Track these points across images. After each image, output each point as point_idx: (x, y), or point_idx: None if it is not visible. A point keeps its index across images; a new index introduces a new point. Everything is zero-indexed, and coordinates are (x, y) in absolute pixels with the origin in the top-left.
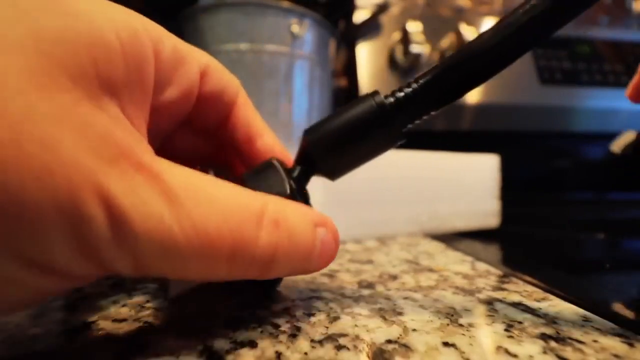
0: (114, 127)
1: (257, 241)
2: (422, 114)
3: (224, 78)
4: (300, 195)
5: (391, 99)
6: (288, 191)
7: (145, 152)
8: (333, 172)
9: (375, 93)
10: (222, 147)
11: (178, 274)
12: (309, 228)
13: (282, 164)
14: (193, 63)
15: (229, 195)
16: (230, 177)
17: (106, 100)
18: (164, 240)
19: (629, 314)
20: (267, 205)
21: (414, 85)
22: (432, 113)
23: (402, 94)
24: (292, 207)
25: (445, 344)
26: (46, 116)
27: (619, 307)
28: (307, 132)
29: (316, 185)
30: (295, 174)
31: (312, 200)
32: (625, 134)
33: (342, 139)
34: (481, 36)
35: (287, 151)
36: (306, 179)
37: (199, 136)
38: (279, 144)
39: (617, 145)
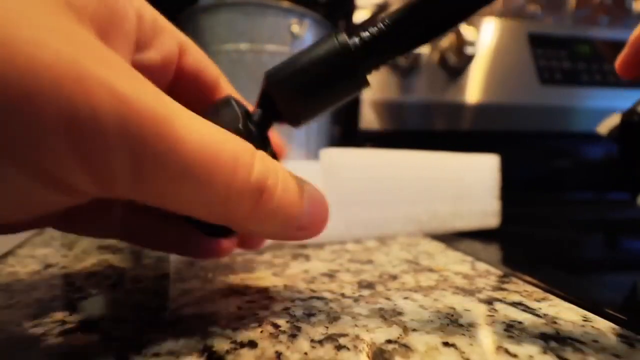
0: (100, 44)
1: (252, 168)
2: (388, 58)
3: (203, 60)
4: (258, 138)
5: (355, 40)
6: (240, 126)
7: (134, 70)
8: (295, 118)
9: (338, 32)
10: None
11: (175, 194)
12: (295, 177)
13: (240, 103)
14: (172, 35)
15: (223, 130)
16: None
17: (92, 30)
18: (166, 138)
19: (629, 314)
20: (256, 149)
21: (380, 25)
22: (398, 56)
23: (367, 33)
24: (276, 161)
25: (445, 344)
26: (35, 19)
27: (619, 307)
28: (269, 75)
29: (317, 185)
30: (256, 117)
31: None
32: (611, 116)
33: (304, 83)
34: None
35: (279, 139)
36: (268, 124)
37: None
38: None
39: (603, 127)
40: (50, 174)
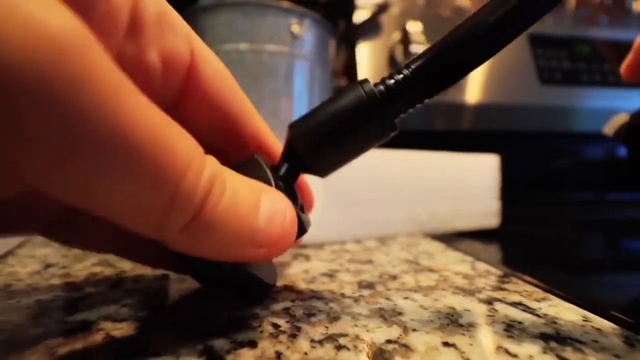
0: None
1: (201, 174)
2: (415, 103)
3: (224, 79)
4: (288, 194)
5: (381, 87)
6: (273, 186)
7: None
8: (322, 169)
9: (364, 81)
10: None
11: (108, 189)
12: (252, 189)
13: (265, 160)
14: (183, 36)
15: (178, 126)
16: None
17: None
18: (114, 115)
19: (629, 314)
20: (208, 155)
21: (405, 72)
22: (426, 101)
23: (392, 81)
24: (233, 172)
25: (445, 344)
26: None
27: (619, 307)
28: (293, 127)
29: (316, 185)
30: (282, 171)
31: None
32: (618, 116)
33: (330, 134)
34: (475, 16)
35: (307, 187)
36: (293, 177)
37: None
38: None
39: (610, 128)
40: None
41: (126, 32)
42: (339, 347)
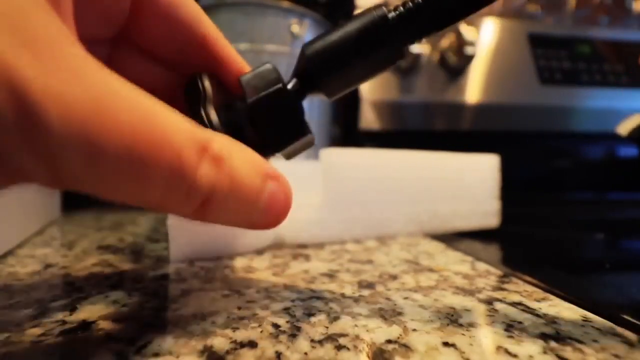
0: (30, 7)
1: (196, 170)
2: (424, 32)
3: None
4: (294, 107)
5: (394, 13)
6: (280, 84)
7: (72, 43)
8: (330, 89)
9: (377, 6)
10: (179, 78)
11: (106, 191)
12: (255, 176)
13: (278, 71)
14: None
15: (171, 116)
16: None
17: None
18: (88, 140)
19: (628, 314)
20: (212, 140)
21: (418, 0)
22: (435, 31)
23: (404, 8)
24: (242, 153)
25: (445, 344)
26: None
27: (618, 307)
28: (306, 46)
29: (316, 185)
30: (291, 86)
31: (312, 200)
32: (632, 116)
33: (341, 54)
34: None
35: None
36: (302, 95)
37: (154, 64)
38: None
39: (624, 128)
40: None
41: None
42: (339, 347)
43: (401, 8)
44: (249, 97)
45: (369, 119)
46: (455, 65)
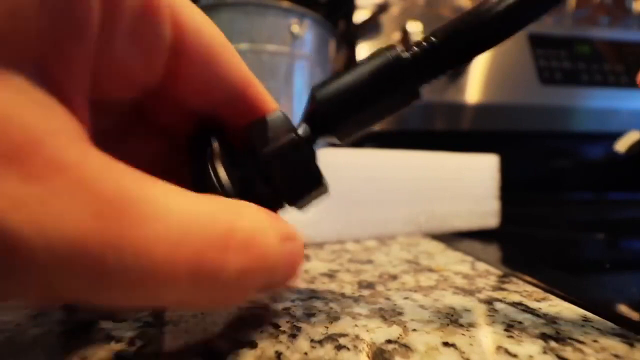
0: (18, 107)
1: (225, 265)
2: (439, 71)
3: (218, 54)
4: (308, 156)
5: (408, 54)
6: (294, 135)
7: (69, 143)
8: (342, 133)
9: (391, 47)
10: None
11: (116, 301)
12: (279, 245)
13: (288, 117)
14: (164, 17)
15: (188, 210)
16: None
17: (12, 67)
18: (88, 268)
19: (629, 314)
20: (235, 227)
21: (432, 39)
22: (450, 71)
23: (418, 49)
24: (261, 223)
25: (445, 344)
26: None
27: (619, 307)
28: (316, 89)
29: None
30: (302, 132)
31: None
32: (629, 133)
33: (355, 96)
34: None
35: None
36: (313, 139)
37: (186, 116)
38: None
39: (622, 145)
40: None
41: (99, 31)
42: (339, 347)
43: (415, 48)
44: (260, 149)
45: None
46: None
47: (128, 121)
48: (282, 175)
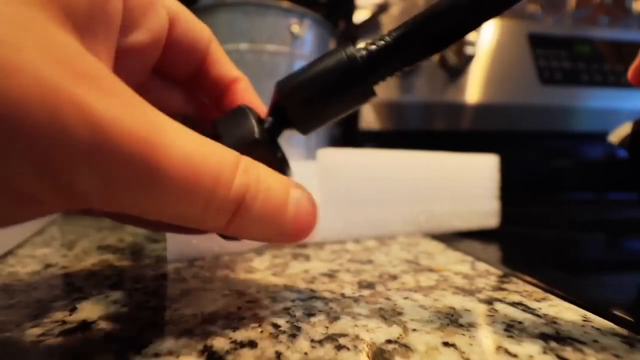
0: (79, 51)
1: (232, 182)
2: (394, 70)
3: (195, 27)
4: (271, 145)
5: (363, 52)
6: (257, 135)
7: (115, 78)
8: (304, 126)
9: (347, 44)
10: (195, 99)
11: (151, 209)
12: (282, 184)
13: (253, 111)
14: (161, 9)
15: (207, 142)
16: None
17: (69, 29)
18: (145, 164)
19: (629, 314)
20: (241, 158)
21: (387, 39)
22: (405, 69)
23: (374, 47)
24: (266, 167)
25: (445, 344)
26: (7, 20)
27: (619, 307)
28: (280, 83)
29: (314, 185)
30: (267, 125)
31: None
32: (624, 125)
33: (314, 92)
34: None
35: (259, 100)
36: (278, 131)
37: (170, 87)
38: (252, 92)
39: (615, 136)
40: (14, 187)
41: (121, 25)
42: (339, 347)
43: (371, 47)
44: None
45: (368, 119)
46: (455, 65)
47: (150, 78)
48: None
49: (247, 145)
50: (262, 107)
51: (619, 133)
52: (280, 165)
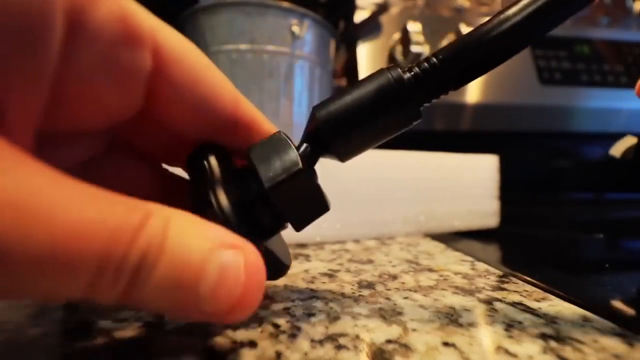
0: None
1: (132, 246)
2: (441, 91)
3: (205, 80)
4: (310, 173)
5: (409, 74)
6: (300, 164)
7: None
8: (343, 153)
9: (392, 67)
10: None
11: (15, 292)
12: (201, 241)
13: (290, 138)
14: (144, 46)
15: (106, 200)
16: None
17: None
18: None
19: (629, 313)
20: (152, 214)
21: (433, 60)
22: (451, 90)
23: (420, 69)
24: (192, 222)
25: (445, 344)
26: None
27: (619, 307)
28: (317, 109)
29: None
30: (303, 152)
31: None
32: (625, 138)
33: (356, 117)
34: (503, 12)
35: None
36: (314, 159)
37: (175, 141)
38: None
39: (617, 150)
40: None
41: (61, 51)
42: (339, 347)
43: (416, 69)
44: (266, 180)
45: None
46: None
47: (112, 148)
48: (286, 204)
49: (289, 176)
50: (268, 125)
51: (620, 147)
52: (323, 201)
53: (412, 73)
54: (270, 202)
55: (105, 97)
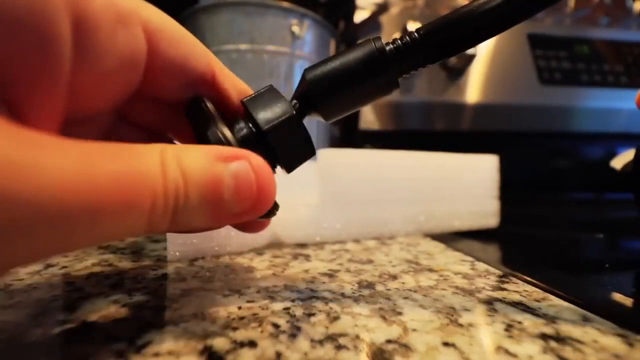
0: None
1: (165, 186)
2: (419, 64)
3: (185, 48)
4: (303, 130)
5: (391, 46)
6: (293, 111)
7: None
8: (328, 113)
9: (377, 38)
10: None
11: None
12: (207, 162)
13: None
14: (136, 26)
15: (126, 153)
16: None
17: None
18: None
19: (629, 314)
20: (165, 153)
21: (415, 35)
22: (429, 65)
23: (402, 42)
24: (189, 148)
25: (445, 344)
26: None
27: (618, 307)
28: (308, 71)
29: (314, 185)
30: (292, 105)
31: (309, 200)
32: (627, 152)
33: (341, 80)
34: None
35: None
36: (302, 115)
37: (161, 107)
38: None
39: (618, 163)
40: None
41: (75, 54)
42: (339, 347)
43: (399, 42)
44: (264, 123)
45: (368, 119)
46: (455, 65)
47: (117, 126)
48: (282, 147)
49: (284, 121)
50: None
51: (621, 160)
52: (308, 139)
53: (395, 45)
54: (266, 142)
55: (114, 79)
